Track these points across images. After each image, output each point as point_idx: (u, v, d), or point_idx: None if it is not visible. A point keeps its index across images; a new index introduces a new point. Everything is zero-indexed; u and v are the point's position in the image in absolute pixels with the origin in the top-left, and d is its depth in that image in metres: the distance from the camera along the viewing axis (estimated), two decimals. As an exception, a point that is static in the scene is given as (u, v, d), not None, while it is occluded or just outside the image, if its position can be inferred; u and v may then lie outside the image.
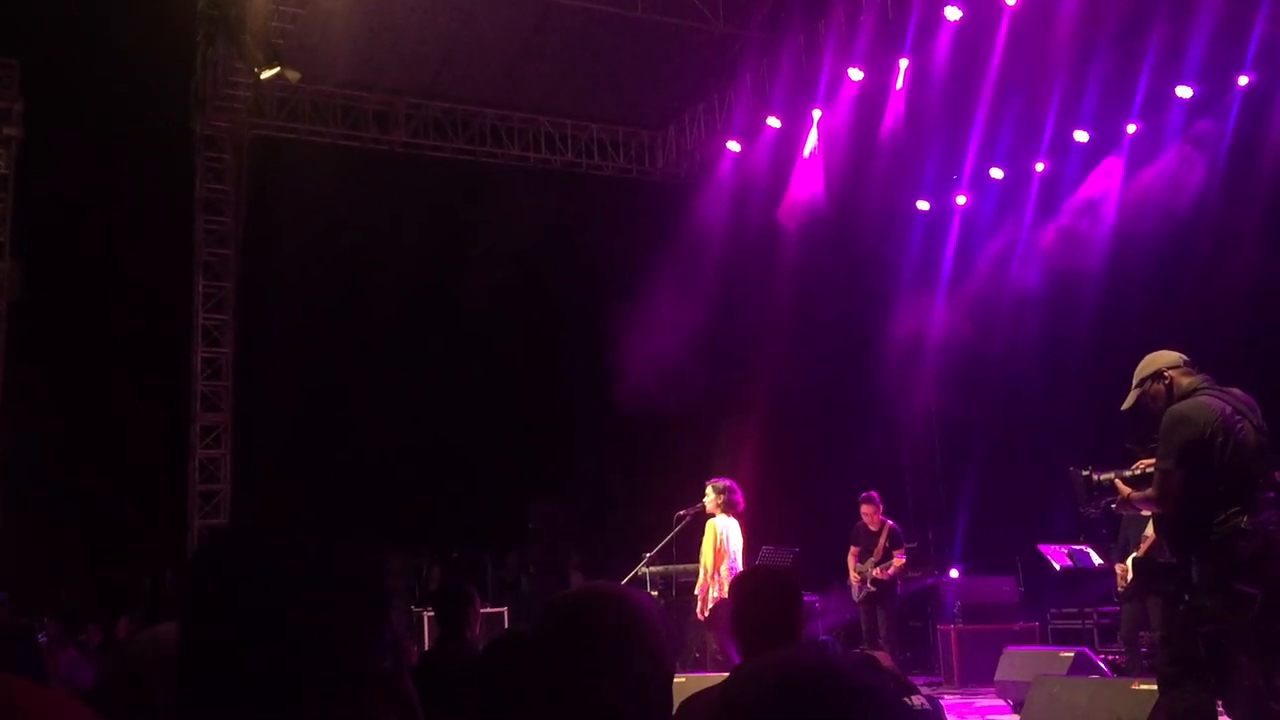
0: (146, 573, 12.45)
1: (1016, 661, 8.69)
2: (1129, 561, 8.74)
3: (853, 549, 10.83)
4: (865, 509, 10.78)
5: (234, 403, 13.22)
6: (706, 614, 8.40)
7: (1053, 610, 11.31)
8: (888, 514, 10.89)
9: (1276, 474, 4.73)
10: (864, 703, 1.07)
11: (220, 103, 13.08)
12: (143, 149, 12.86)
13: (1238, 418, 4.60)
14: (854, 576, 10.73)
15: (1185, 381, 4.76)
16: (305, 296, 13.39)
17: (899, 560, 10.53)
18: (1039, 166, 14.25)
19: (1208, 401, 4.62)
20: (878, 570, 10.50)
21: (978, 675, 10.26)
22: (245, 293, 13.41)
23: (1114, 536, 9.26)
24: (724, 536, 8.60)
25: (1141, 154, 13.01)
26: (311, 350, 13.52)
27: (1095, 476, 5.09)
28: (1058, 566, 10.04)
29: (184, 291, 13.30)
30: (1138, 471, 4.93)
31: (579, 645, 1.79)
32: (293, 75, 12.08)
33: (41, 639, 9.16)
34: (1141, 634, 8.72)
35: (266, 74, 11.92)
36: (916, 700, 4.85)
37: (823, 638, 11.05)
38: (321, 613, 1.32)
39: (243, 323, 13.37)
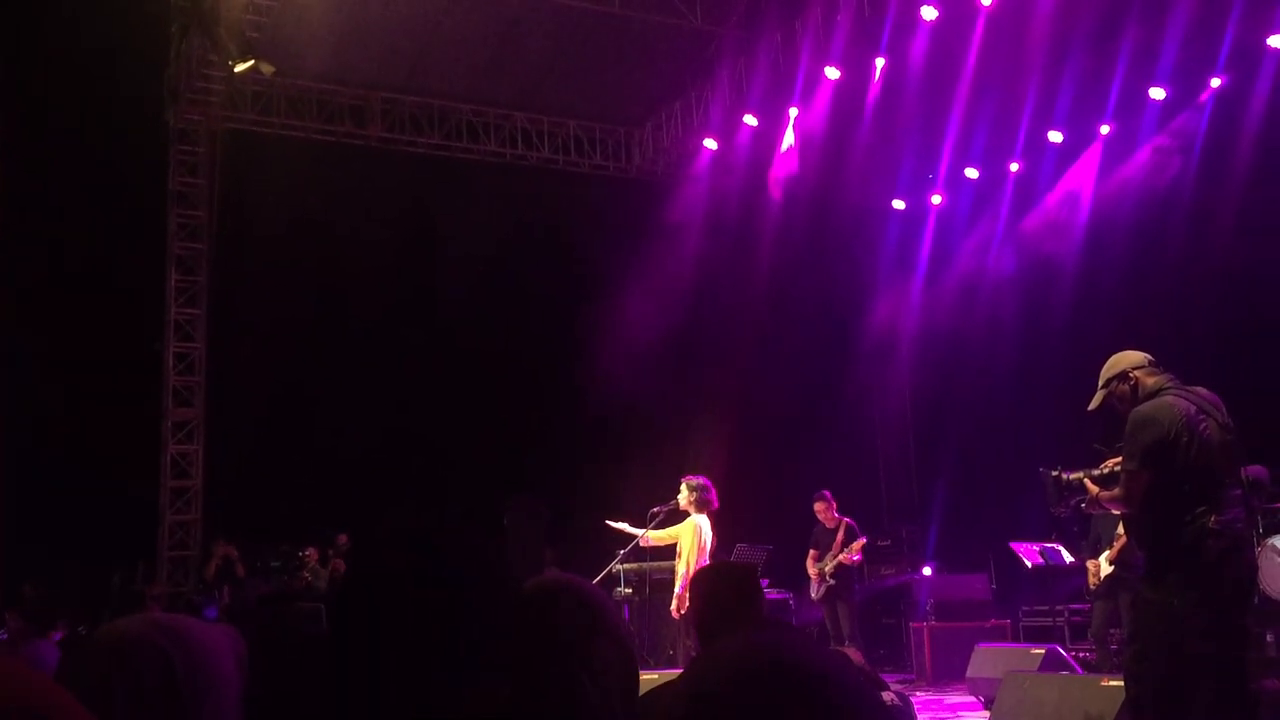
0: (117, 568, 12.35)
1: (988, 659, 8.75)
2: (1101, 559, 8.83)
3: (812, 552, 10.87)
4: (818, 506, 10.84)
5: (206, 398, 13.13)
6: (682, 612, 8.40)
7: (1024, 608, 11.39)
8: (850, 513, 10.93)
9: (1243, 472, 4.77)
10: (826, 683, 1.06)
11: (194, 96, 12.98)
12: (115, 142, 12.74)
13: (1202, 417, 4.63)
14: (813, 573, 10.76)
15: (1150, 381, 4.79)
16: (279, 291, 13.31)
17: (857, 547, 10.56)
18: (1014, 167, 14.34)
19: (1172, 402, 4.65)
20: (843, 556, 10.52)
21: (950, 672, 10.34)
22: (218, 287, 13.31)
23: (1085, 534, 9.34)
24: (705, 535, 8.63)
25: (1115, 155, 13.11)
26: (285, 345, 13.44)
27: (1064, 476, 5.13)
28: (1029, 564, 10.12)
29: (156, 285, 13.20)
30: (1105, 471, 4.96)
31: (543, 637, 1.80)
32: (267, 68, 12.02)
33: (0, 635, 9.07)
34: (1112, 631, 8.80)
35: (240, 67, 11.85)
36: (886, 697, 4.88)
37: (795, 635, 11.10)
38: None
39: (215, 317, 13.28)
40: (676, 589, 8.71)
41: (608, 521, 9.24)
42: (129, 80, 12.90)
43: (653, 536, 8.90)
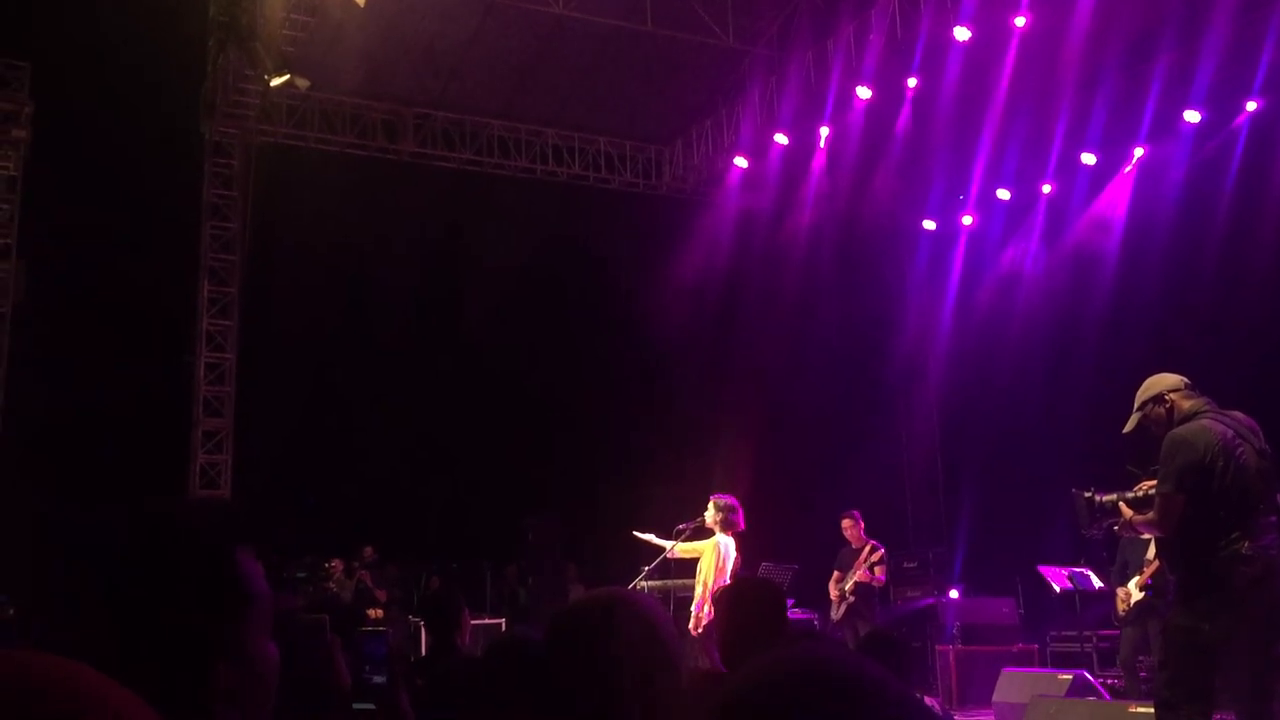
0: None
1: (1015, 683, 8.65)
2: (1130, 585, 8.72)
3: (835, 573, 10.78)
4: (846, 524, 10.75)
5: (236, 408, 13.22)
6: (700, 630, 8.37)
7: (1052, 632, 11.26)
8: (877, 534, 10.84)
9: (1278, 497, 4.71)
10: (864, 688, 1.05)
11: (229, 109, 13.12)
12: (151, 153, 12.89)
13: (1239, 441, 4.58)
14: (834, 594, 10.67)
15: (1186, 405, 4.74)
16: (309, 303, 13.41)
17: (881, 569, 10.47)
18: (1046, 188, 14.27)
19: (1208, 425, 4.60)
20: (862, 574, 10.43)
21: (976, 696, 10.23)
22: (250, 299, 13.42)
23: (1113, 559, 9.24)
24: (726, 555, 8.59)
25: (1149, 177, 13.03)
26: (314, 358, 13.53)
27: (1098, 498, 5.08)
28: (1057, 589, 10.00)
29: (189, 296, 13.32)
30: (1140, 494, 4.91)
31: (595, 651, 1.78)
32: (302, 83, 12.13)
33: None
34: (1140, 658, 8.68)
35: (276, 81, 11.97)
36: (931, 702, 4.82)
37: (820, 656, 11.03)
38: None
39: (246, 328, 13.38)
40: (693, 607, 8.68)
41: (634, 532, 9.22)
42: (166, 93, 13.06)
43: (680, 549, 8.88)
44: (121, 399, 12.63)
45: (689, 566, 9.53)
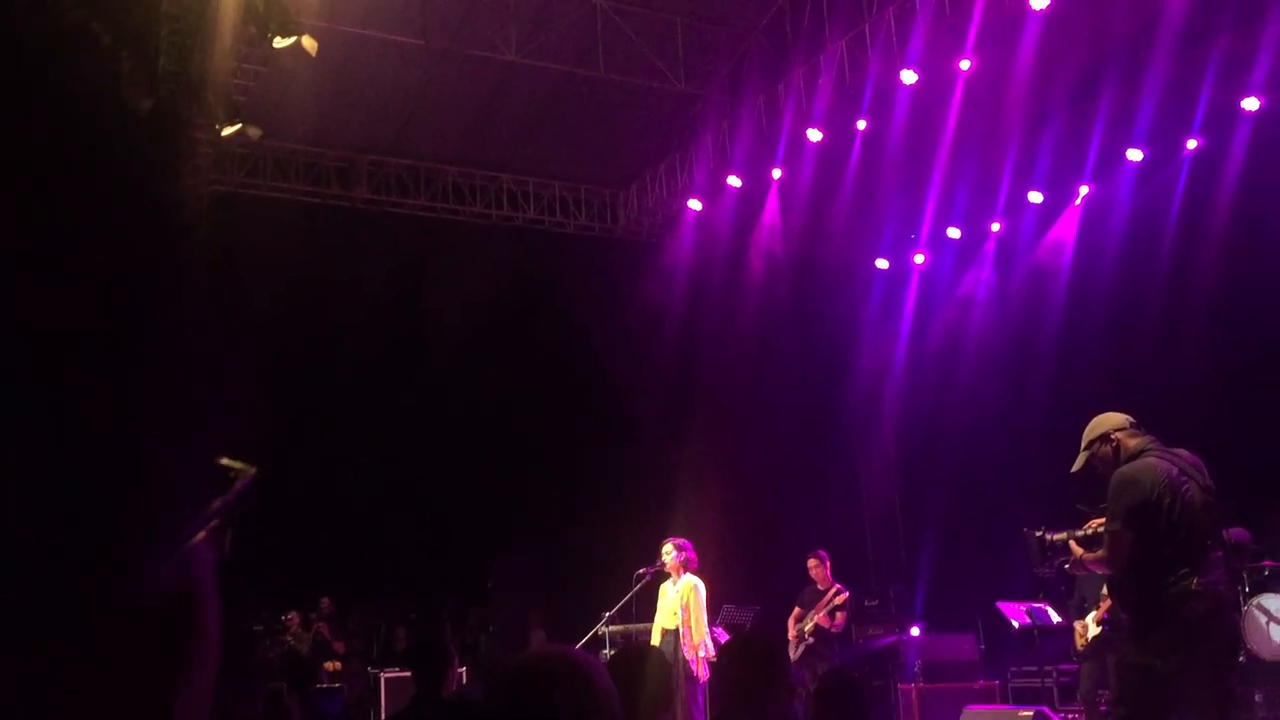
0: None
1: (976, 721, 8.67)
2: (1087, 619, 8.80)
3: (796, 610, 10.81)
4: (812, 563, 10.79)
5: (190, 459, 13.03)
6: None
7: (1013, 668, 11.31)
8: (842, 577, 10.87)
9: (1224, 534, 4.78)
10: None
11: (181, 158, 13.05)
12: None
13: (1184, 479, 4.65)
14: (792, 633, 10.68)
15: (1132, 443, 4.82)
16: (264, 352, 13.29)
17: (841, 615, 10.50)
18: (995, 226, 14.49)
19: (1154, 463, 4.67)
20: (821, 618, 10.45)
21: (939, 735, 10.24)
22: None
23: (1071, 594, 9.31)
24: (703, 593, 8.83)
25: (1094, 215, 13.28)
26: (269, 406, 13.39)
27: (1048, 537, 5.13)
28: (1016, 625, 10.06)
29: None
30: (1089, 531, 4.97)
31: (532, 713, 1.78)
32: (254, 132, 12.05)
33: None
34: (1100, 692, 8.73)
35: (228, 131, 11.91)
36: None
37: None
38: None
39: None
40: (696, 647, 8.73)
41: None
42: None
43: (669, 618, 8.99)
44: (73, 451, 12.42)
45: (650, 609, 9.53)
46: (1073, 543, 4.97)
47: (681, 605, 8.90)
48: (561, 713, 1.71)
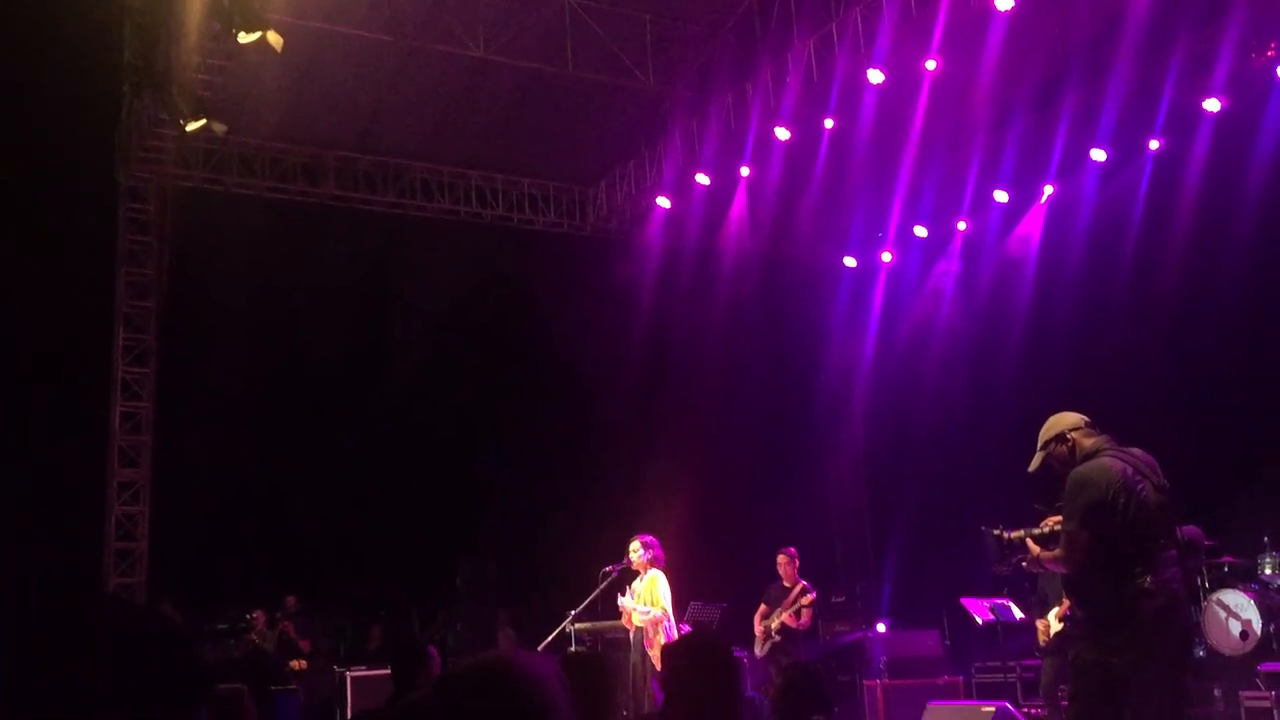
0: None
1: (940, 716, 8.73)
2: (1049, 616, 8.88)
3: (762, 607, 10.85)
4: (781, 560, 10.84)
5: (154, 459, 12.94)
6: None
7: (977, 664, 11.41)
8: (805, 571, 10.92)
9: (1178, 532, 4.84)
10: None
11: (145, 154, 12.93)
12: (65, 201, 12.66)
13: (1139, 478, 4.70)
14: (759, 630, 10.73)
15: (1087, 443, 4.86)
16: (230, 350, 13.20)
17: (807, 613, 10.55)
18: (961, 225, 14.59)
19: (1109, 464, 4.72)
20: (787, 616, 10.50)
21: (904, 730, 10.30)
22: (167, 346, 13.18)
23: (1034, 590, 9.40)
24: (666, 587, 8.89)
25: (1059, 215, 13.40)
26: (235, 405, 13.31)
27: (1006, 535, 5.18)
28: (980, 621, 10.14)
29: (103, 344, 13.04)
30: (1046, 530, 5.02)
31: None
32: (219, 128, 11.98)
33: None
34: (1061, 688, 8.81)
35: (192, 126, 11.82)
36: None
37: (750, 694, 11.04)
38: None
39: (164, 377, 13.12)
40: (659, 642, 8.76)
41: (621, 601, 9.25)
42: (79, 138, 12.84)
43: (637, 617, 9.01)
44: (34, 448, 12.31)
45: (615, 607, 9.55)
46: (1030, 541, 5.01)
47: (645, 604, 8.93)
48: (504, 711, 1.71)
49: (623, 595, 9.16)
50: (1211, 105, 11.45)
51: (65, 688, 1.28)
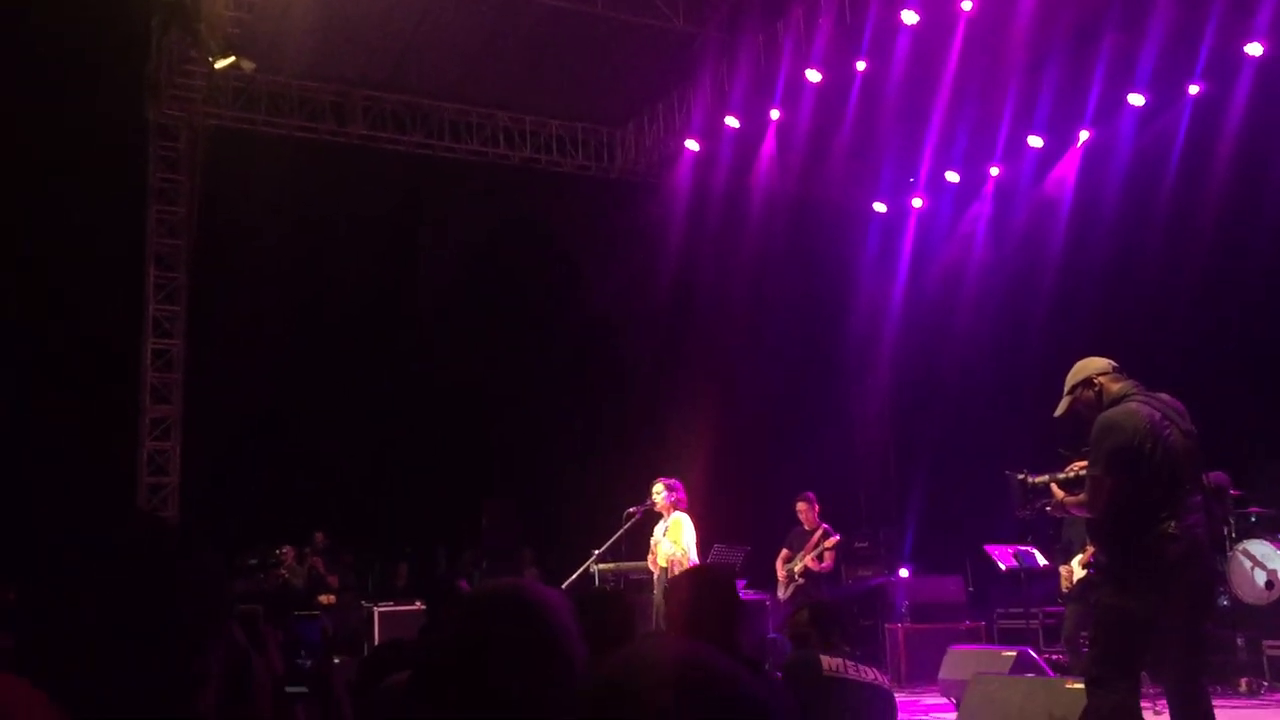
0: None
1: (960, 660, 8.78)
2: (1073, 563, 8.89)
3: (784, 551, 10.89)
4: (800, 506, 10.85)
5: (184, 395, 13.09)
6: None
7: (999, 610, 11.44)
8: (829, 515, 10.94)
9: (1205, 478, 4.81)
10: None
11: (175, 91, 12.93)
12: (95, 137, 12.69)
13: (1166, 423, 4.67)
14: (781, 574, 10.78)
15: (1115, 388, 4.82)
16: (259, 288, 13.28)
17: (830, 555, 10.58)
18: (994, 171, 14.40)
19: (1136, 408, 4.68)
20: (810, 560, 10.54)
21: (925, 674, 10.38)
22: (197, 284, 13.27)
23: (1058, 538, 9.40)
24: (692, 530, 8.92)
25: (1094, 160, 13.19)
26: (264, 343, 13.41)
27: (1030, 480, 5.17)
28: (1003, 567, 10.16)
29: (135, 282, 13.15)
30: (1070, 475, 5.00)
31: (481, 645, 1.79)
32: (248, 65, 12.00)
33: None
34: (1083, 634, 8.82)
35: (221, 64, 11.82)
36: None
37: (771, 635, 11.14)
38: None
39: (194, 314, 13.23)
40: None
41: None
42: (108, 75, 12.85)
43: (662, 557, 9.06)
44: (67, 386, 12.47)
45: (641, 549, 9.62)
46: (1054, 485, 5.00)
47: (670, 543, 8.99)
48: (496, 645, 1.73)
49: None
50: (1254, 49, 11.20)
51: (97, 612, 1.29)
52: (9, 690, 0.95)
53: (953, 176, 14.69)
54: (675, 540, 8.97)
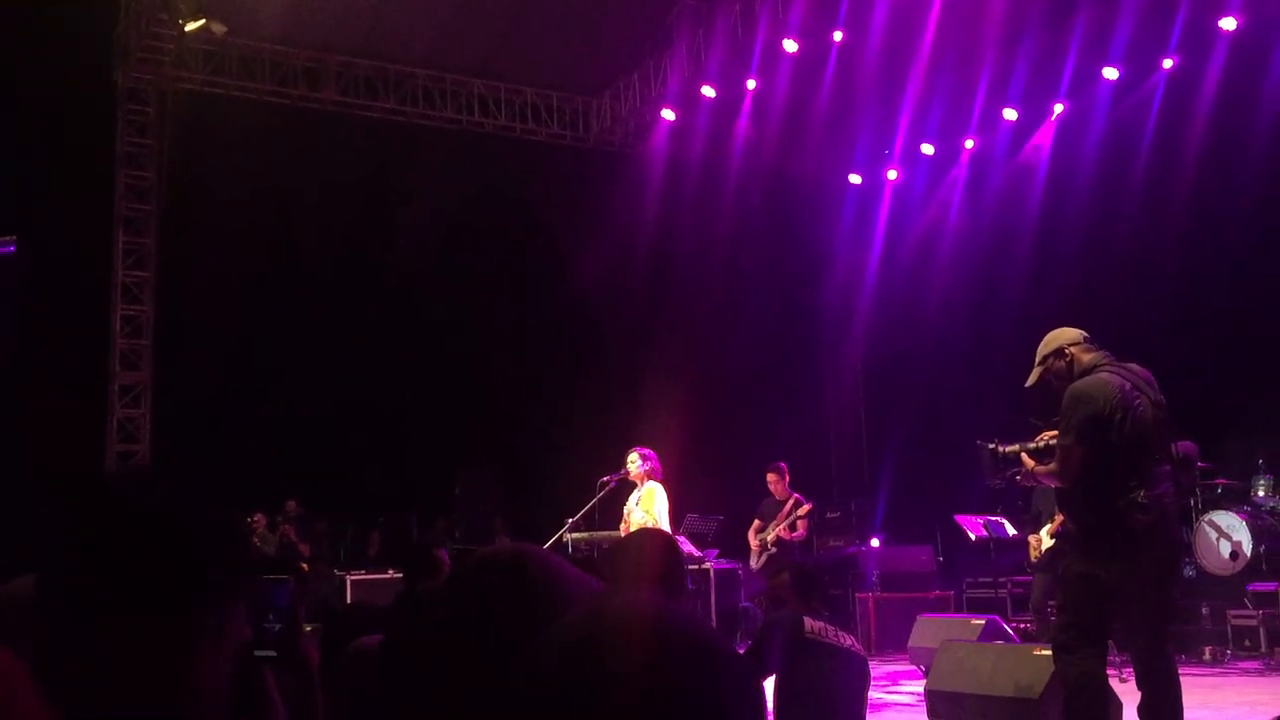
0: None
1: (929, 629, 8.87)
2: (1041, 532, 8.98)
3: (756, 522, 10.93)
4: (771, 477, 10.87)
5: (154, 362, 12.98)
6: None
7: (968, 579, 11.57)
8: (801, 485, 10.97)
9: (1174, 448, 4.86)
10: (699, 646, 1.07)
11: (144, 54, 12.75)
12: (62, 100, 12.50)
13: (1136, 394, 4.70)
14: (754, 543, 10.82)
15: (1086, 358, 4.85)
16: (229, 254, 13.14)
17: (802, 524, 10.62)
18: (969, 143, 14.43)
19: (1107, 379, 4.71)
20: (782, 529, 10.58)
21: (894, 642, 10.50)
22: (167, 250, 13.13)
23: (1027, 508, 9.49)
24: (664, 500, 8.87)
25: (1068, 134, 13.24)
26: (235, 309, 13.30)
27: (1000, 449, 5.19)
28: (973, 536, 10.25)
29: (104, 247, 13.00)
30: (1041, 444, 5.03)
31: (488, 606, 1.79)
32: (219, 28, 11.84)
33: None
34: (1051, 603, 8.92)
35: (192, 26, 11.66)
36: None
37: (743, 604, 11.21)
38: None
39: (164, 280, 13.10)
40: None
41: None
42: (77, 37, 12.64)
43: (634, 526, 9.03)
44: (35, 353, 12.33)
45: (614, 518, 9.63)
46: (1024, 455, 5.03)
47: (642, 512, 8.99)
48: (499, 602, 1.73)
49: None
50: (1228, 24, 11.25)
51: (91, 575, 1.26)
52: None
53: (928, 149, 14.71)
54: (647, 510, 8.97)
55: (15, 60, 12.04)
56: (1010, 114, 13.48)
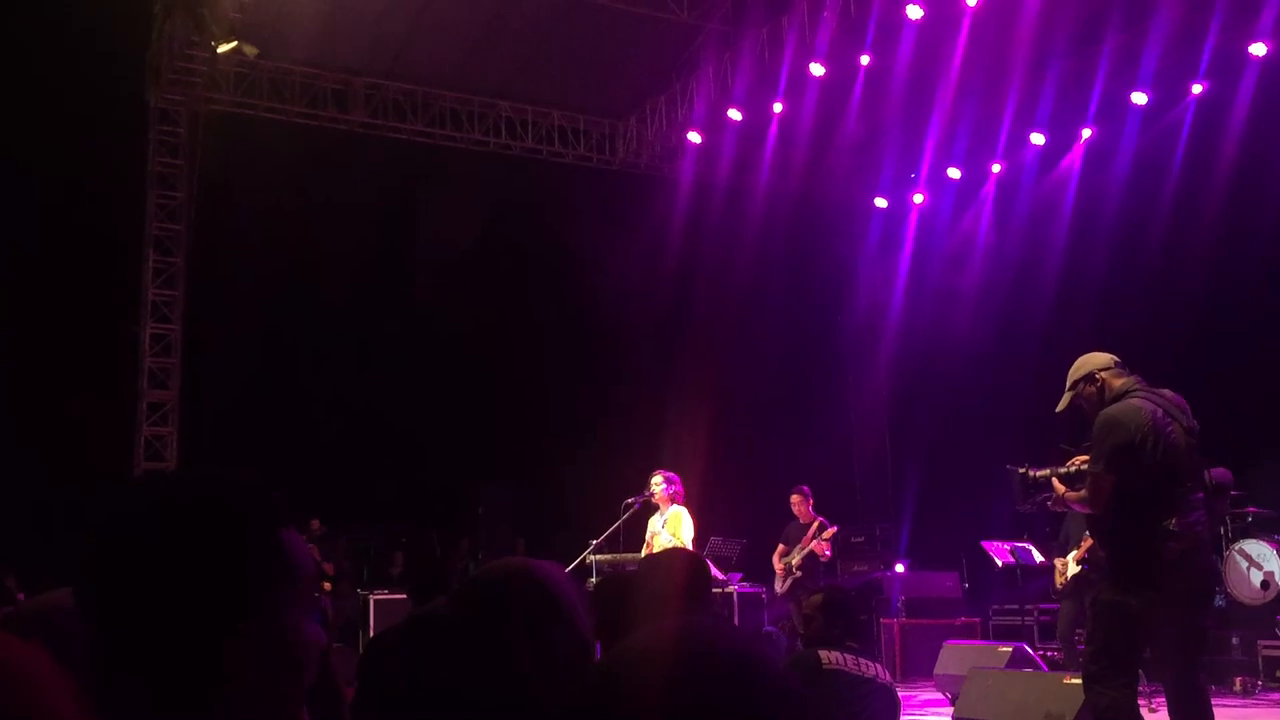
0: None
1: (956, 656, 8.80)
2: (1068, 558, 8.90)
3: (780, 546, 10.88)
4: (795, 499, 10.82)
5: (182, 381, 13.07)
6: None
7: (995, 606, 11.46)
8: (826, 509, 10.92)
9: (1206, 474, 4.81)
10: (747, 668, 1.06)
11: (176, 76, 12.90)
12: (96, 121, 12.66)
13: (1168, 420, 4.66)
14: (778, 567, 10.77)
15: (1117, 383, 4.82)
16: (257, 274, 13.26)
17: (828, 535, 10.55)
18: (995, 168, 14.40)
19: (1139, 405, 4.67)
20: (814, 544, 10.51)
21: (920, 669, 10.40)
22: (196, 269, 13.25)
23: (1056, 534, 9.41)
24: (689, 524, 8.87)
25: (1096, 159, 13.19)
26: (262, 329, 13.40)
27: (1031, 474, 5.16)
28: (1000, 563, 10.17)
29: (134, 266, 13.12)
30: (1072, 469, 4.99)
31: (494, 618, 1.80)
32: (250, 50, 11.95)
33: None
34: (1079, 631, 8.85)
35: (223, 48, 11.78)
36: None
37: (767, 629, 11.14)
38: None
39: (193, 300, 13.21)
40: None
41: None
42: (110, 59, 12.81)
43: (659, 549, 9.00)
44: (65, 371, 12.45)
45: (638, 539, 9.61)
46: (1055, 480, 4.99)
47: (669, 535, 8.96)
48: (514, 617, 1.73)
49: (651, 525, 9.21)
50: (1258, 49, 11.19)
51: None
52: (10, 650, 0.91)
53: (954, 173, 14.68)
54: (674, 533, 8.94)
55: (49, 80, 12.21)
56: (1038, 139, 13.44)
